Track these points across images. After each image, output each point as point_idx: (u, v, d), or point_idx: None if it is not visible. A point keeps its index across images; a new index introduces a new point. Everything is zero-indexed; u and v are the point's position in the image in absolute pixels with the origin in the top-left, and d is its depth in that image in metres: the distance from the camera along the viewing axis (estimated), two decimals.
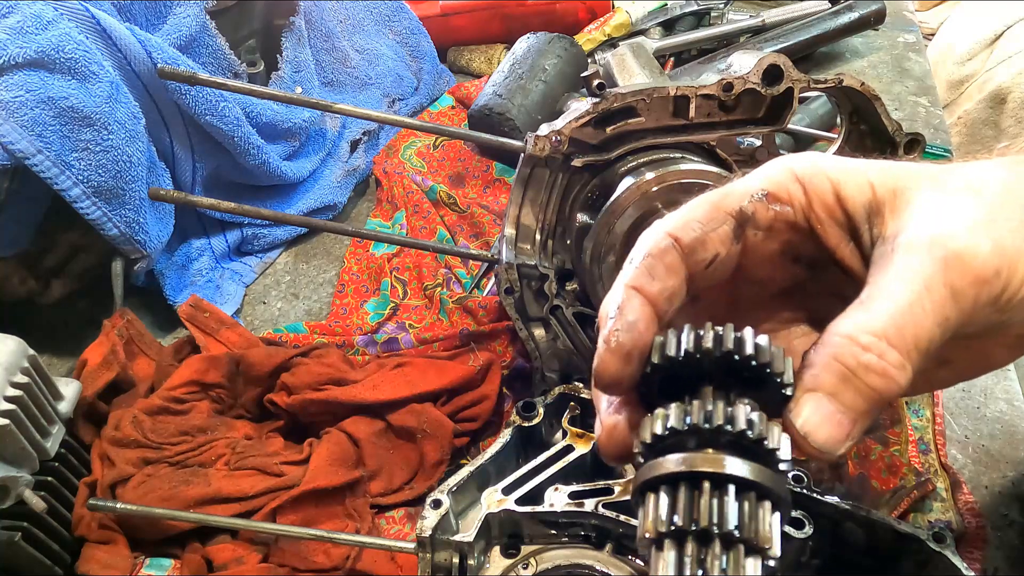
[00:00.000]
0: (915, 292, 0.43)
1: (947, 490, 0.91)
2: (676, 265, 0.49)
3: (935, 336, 0.43)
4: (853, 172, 0.49)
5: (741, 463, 0.41)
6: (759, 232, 0.50)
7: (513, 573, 0.76)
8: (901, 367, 0.43)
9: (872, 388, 0.42)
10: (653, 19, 1.64)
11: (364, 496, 0.92)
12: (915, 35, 1.75)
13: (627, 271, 0.49)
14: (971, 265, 0.44)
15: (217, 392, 1.00)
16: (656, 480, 0.42)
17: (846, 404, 0.43)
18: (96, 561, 0.85)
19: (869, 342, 0.43)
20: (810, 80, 0.90)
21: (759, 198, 0.50)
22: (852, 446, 0.44)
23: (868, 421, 0.43)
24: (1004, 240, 0.45)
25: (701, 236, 0.49)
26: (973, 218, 0.46)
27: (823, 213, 0.49)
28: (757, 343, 0.44)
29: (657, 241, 0.49)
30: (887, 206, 0.48)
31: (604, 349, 0.47)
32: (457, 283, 1.19)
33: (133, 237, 1.04)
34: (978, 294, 0.44)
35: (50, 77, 0.93)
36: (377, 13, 1.53)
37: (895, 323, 0.43)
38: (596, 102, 0.91)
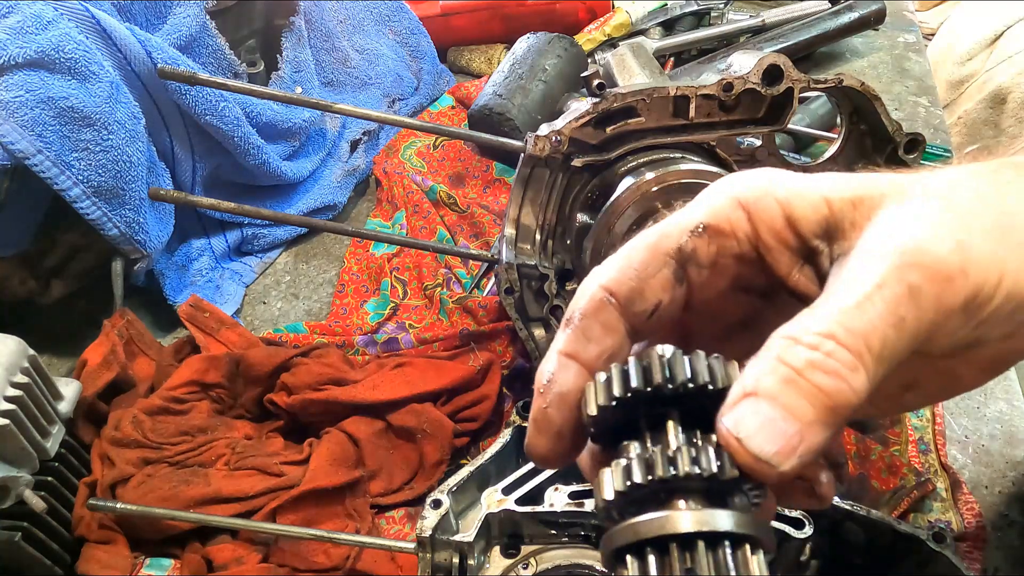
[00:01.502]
0: (866, 291, 0.39)
1: (947, 490, 0.91)
2: (614, 323, 0.44)
3: (890, 337, 0.38)
4: (805, 189, 0.44)
5: (727, 516, 0.37)
6: (703, 270, 0.46)
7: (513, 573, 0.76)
8: (853, 367, 0.37)
9: (820, 389, 0.37)
10: (653, 19, 1.64)
11: (364, 496, 0.92)
12: (915, 35, 1.75)
13: (560, 336, 0.45)
14: (931, 261, 0.39)
15: (217, 392, 1.00)
16: (636, 545, 0.38)
17: (790, 409, 0.37)
18: (96, 561, 0.85)
19: (815, 341, 0.38)
20: (810, 80, 0.90)
21: (699, 233, 0.45)
22: (801, 465, 0.37)
23: (820, 437, 0.37)
24: (973, 242, 0.41)
25: (638, 286, 0.44)
26: (939, 220, 0.41)
27: (771, 240, 0.44)
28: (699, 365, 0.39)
29: (591, 297, 0.44)
30: (847, 221, 0.43)
31: (532, 428, 0.43)
32: (457, 283, 1.19)
33: (133, 237, 1.04)
34: (940, 294, 0.39)
35: (50, 77, 0.93)
36: (377, 13, 1.53)
37: (843, 322, 0.38)
38: (596, 102, 0.91)
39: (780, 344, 0.39)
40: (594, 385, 0.41)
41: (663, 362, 0.39)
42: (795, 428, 0.37)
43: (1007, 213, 0.42)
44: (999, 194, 0.43)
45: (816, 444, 0.37)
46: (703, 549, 0.36)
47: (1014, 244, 0.42)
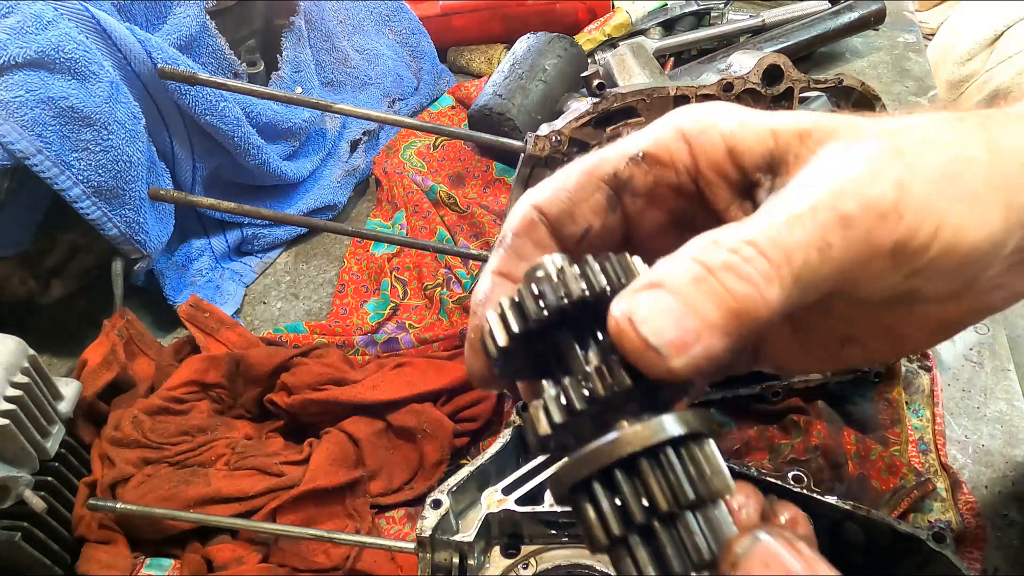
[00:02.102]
0: (797, 212, 0.38)
1: (947, 490, 0.91)
2: (544, 241, 0.44)
3: (812, 260, 0.37)
4: (752, 123, 0.43)
5: (668, 421, 0.35)
6: (638, 200, 0.45)
7: (513, 573, 0.76)
8: (769, 278, 0.36)
9: (730, 292, 0.35)
10: (653, 19, 1.64)
11: (364, 496, 0.92)
12: (915, 35, 1.75)
13: (493, 256, 0.44)
14: (865, 193, 0.38)
15: (217, 392, 1.00)
16: (585, 480, 0.36)
17: (693, 306, 0.35)
18: (96, 561, 0.85)
19: (735, 245, 0.36)
20: (810, 80, 0.90)
21: (637, 161, 0.44)
22: (692, 367, 0.35)
23: (718, 343, 0.35)
24: (914, 186, 0.39)
25: (569, 208, 0.44)
26: (882, 160, 0.40)
27: (711, 173, 0.43)
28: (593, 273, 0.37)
29: (523, 217, 0.44)
30: (791, 154, 0.42)
31: (468, 348, 0.43)
32: (457, 283, 1.19)
33: (133, 237, 1.04)
34: (871, 229, 0.38)
35: (50, 77, 0.93)
36: (377, 13, 1.53)
37: (768, 234, 0.37)
38: (596, 102, 0.91)
39: (698, 244, 0.37)
40: (489, 326, 0.39)
41: (553, 282, 0.37)
42: (694, 325, 0.35)
43: (958, 161, 0.41)
44: (956, 142, 0.42)
45: (712, 350, 0.35)
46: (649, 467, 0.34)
47: (959, 195, 0.40)
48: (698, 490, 0.34)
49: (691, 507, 0.35)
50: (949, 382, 1.03)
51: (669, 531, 0.35)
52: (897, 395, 0.99)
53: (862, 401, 0.99)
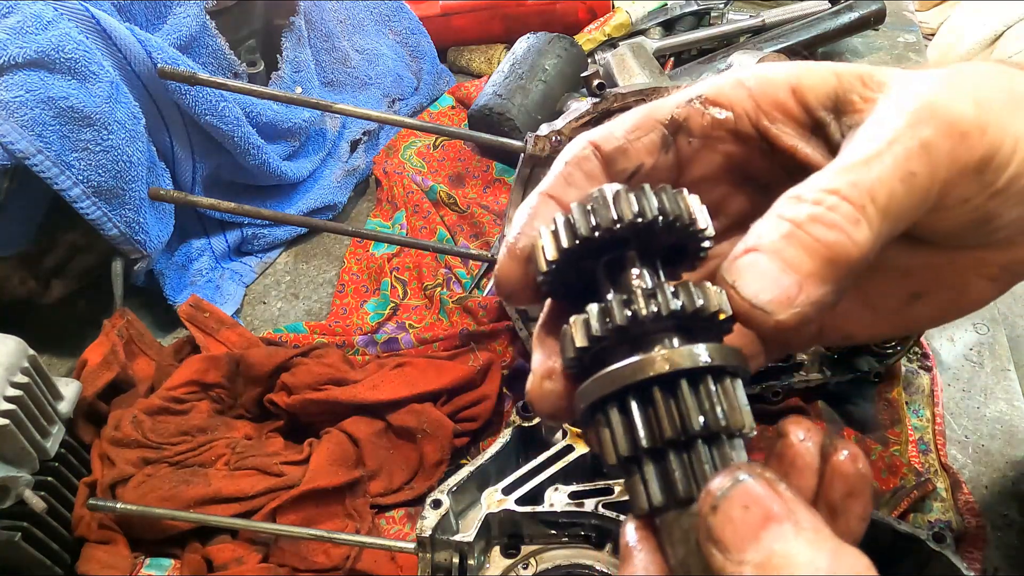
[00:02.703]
0: (877, 147, 0.38)
1: (947, 490, 0.91)
2: (596, 173, 0.45)
3: (897, 192, 0.37)
4: (814, 66, 0.44)
5: (710, 349, 0.36)
6: (693, 141, 0.45)
7: (513, 573, 0.76)
8: (855, 220, 0.37)
9: (820, 241, 0.36)
10: (653, 19, 1.64)
11: (364, 496, 0.92)
12: (915, 35, 1.75)
13: (544, 180, 0.45)
14: (946, 116, 0.38)
15: (217, 392, 1.00)
16: (600, 401, 0.37)
17: (789, 261, 0.36)
18: (96, 561, 0.85)
19: (818, 197, 0.37)
20: None
21: (693, 104, 0.45)
22: (800, 317, 0.36)
23: (819, 291, 0.36)
24: (992, 103, 0.40)
25: (623, 144, 0.45)
26: (956, 82, 0.40)
27: (775, 111, 0.44)
28: (647, 201, 0.38)
29: (577, 149, 0.45)
30: (856, 93, 0.42)
31: (505, 254, 0.42)
32: (457, 283, 1.19)
33: (133, 237, 1.04)
34: (955, 150, 0.38)
35: (50, 77, 0.93)
36: (377, 13, 1.53)
37: (847, 177, 0.37)
38: (596, 102, 0.91)
39: (784, 202, 0.38)
40: (540, 240, 0.40)
41: (608, 202, 0.38)
42: (793, 279, 0.36)
43: (1016, 92, 0.42)
44: (1007, 77, 0.43)
45: (815, 297, 0.36)
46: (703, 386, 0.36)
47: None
48: (709, 421, 0.35)
49: (703, 438, 0.35)
50: (949, 382, 1.03)
51: (680, 458, 0.35)
52: (897, 395, 0.99)
53: (862, 401, 0.99)
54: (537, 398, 0.41)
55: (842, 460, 0.40)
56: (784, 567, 0.30)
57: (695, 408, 0.35)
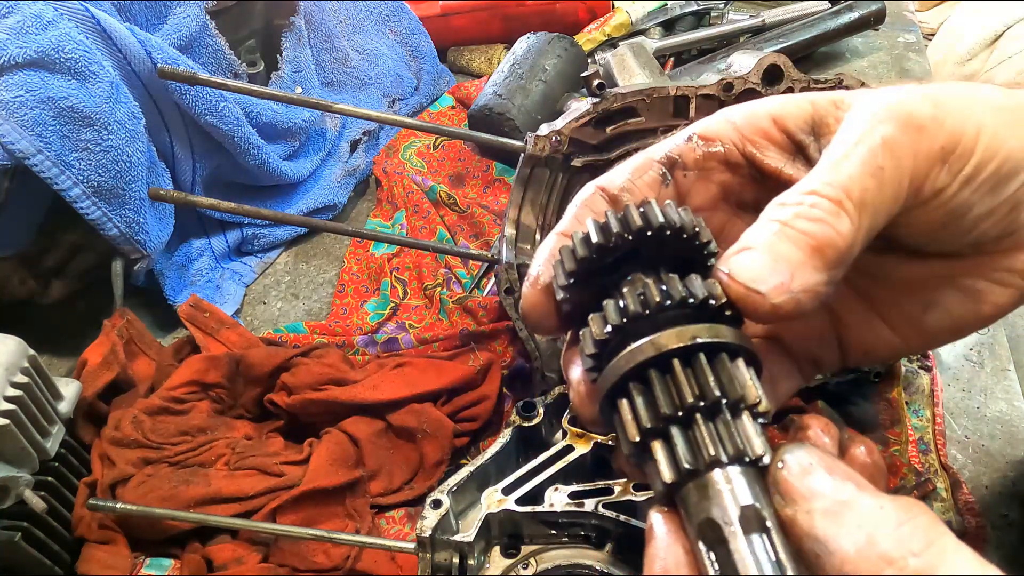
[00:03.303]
0: (844, 149, 0.43)
1: (947, 490, 0.91)
2: (603, 211, 0.49)
3: (870, 186, 0.42)
4: (792, 98, 0.49)
5: (701, 328, 0.39)
6: (688, 173, 0.51)
7: (513, 573, 0.76)
8: (835, 213, 0.41)
9: (805, 233, 0.41)
10: (653, 19, 1.64)
11: (364, 496, 0.92)
12: (915, 35, 1.75)
13: (560, 222, 0.50)
14: (903, 112, 0.43)
15: (217, 392, 1.00)
16: (620, 382, 0.40)
17: (779, 254, 0.40)
18: (96, 561, 0.85)
19: (798, 199, 0.42)
20: (810, 80, 0.90)
21: (686, 142, 0.50)
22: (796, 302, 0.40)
23: (811, 277, 0.40)
24: (946, 99, 0.44)
25: (628, 185, 0.50)
26: (913, 88, 0.45)
27: (760, 139, 0.49)
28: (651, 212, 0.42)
29: (586, 193, 0.50)
30: (831, 116, 0.47)
31: (529, 287, 0.47)
32: (457, 283, 1.19)
33: (133, 237, 1.04)
34: (915, 142, 0.43)
35: (50, 77, 0.93)
36: (377, 13, 1.53)
37: (823, 178, 0.42)
38: (596, 102, 0.91)
39: (770, 208, 0.43)
40: (560, 258, 0.44)
41: (618, 217, 0.42)
42: (786, 267, 0.40)
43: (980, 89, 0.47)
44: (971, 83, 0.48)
45: (809, 282, 0.40)
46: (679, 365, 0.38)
47: (991, 107, 0.45)
48: (727, 395, 0.38)
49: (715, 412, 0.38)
50: (949, 382, 1.03)
51: (685, 433, 0.38)
52: (897, 395, 0.99)
53: (862, 401, 0.99)
54: (578, 403, 0.46)
55: (859, 452, 0.44)
56: (849, 513, 0.33)
57: (687, 383, 0.38)
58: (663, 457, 0.38)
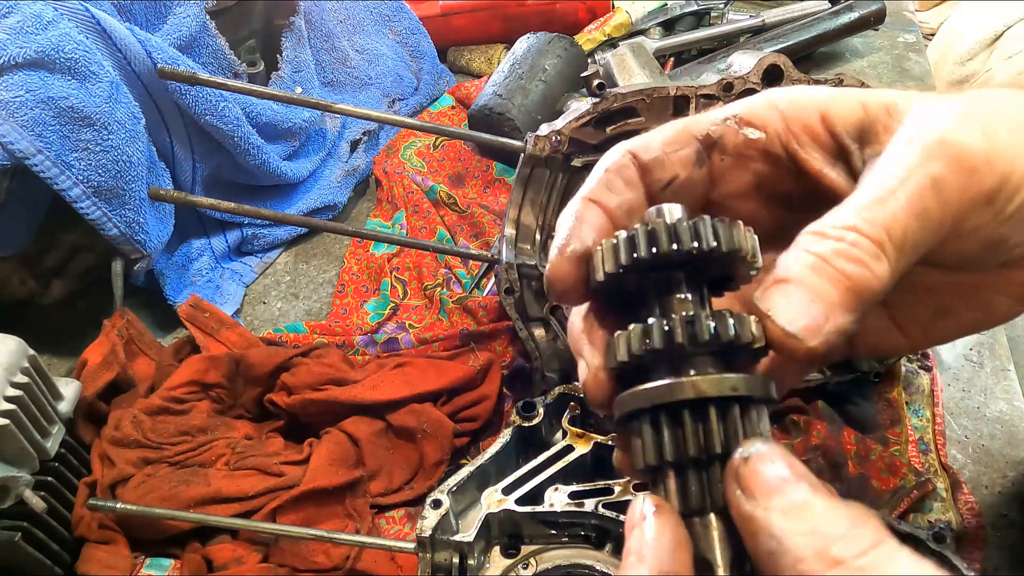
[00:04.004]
0: (891, 185, 0.41)
1: (947, 490, 0.91)
2: (634, 180, 0.47)
3: (912, 228, 0.40)
4: (843, 95, 0.47)
5: (740, 380, 0.39)
6: (726, 158, 0.48)
7: (513, 573, 0.76)
8: (875, 255, 0.40)
9: (844, 274, 0.40)
10: (653, 19, 1.64)
11: (364, 496, 0.92)
12: (915, 35, 1.75)
13: (585, 185, 0.48)
14: (955, 150, 0.41)
15: (217, 392, 1.00)
16: (646, 410, 0.40)
17: (816, 291, 0.40)
18: (96, 561, 0.85)
19: (839, 233, 0.41)
20: (810, 80, 0.90)
21: (728, 123, 0.48)
22: (827, 344, 0.40)
23: (844, 318, 0.40)
24: (999, 134, 0.42)
25: (660, 156, 0.48)
26: (965, 114, 0.43)
27: (804, 135, 0.47)
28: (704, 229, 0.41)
29: (616, 157, 0.48)
30: (880, 124, 0.45)
31: (556, 256, 0.45)
32: (457, 283, 1.19)
33: (133, 237, 1.04)
34: (965, 185, 0.41)
35: (50, 77, 0.93)
36: (377, 13, 1.53)
37: (865, 215, 0.41)
38: (596, 102, 0.91)
39: (808, 238, 0.42)
40: (601, 251, 0.43)
41: (669, 228, 0.41)
42: (821, 308, 0.40)
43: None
44: (1021, 104, 0.45)
45: (841, 325, 0.40)
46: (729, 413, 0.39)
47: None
48: (730, 447, 0.38)
49: (723, 459, 0.38)
50: (949, 382, 1.03)
51: (699, 474, 0.39)
52: (897, 395, 0.99)
53: (862, 401, 0.99)
54: (592, 388, 0.45)
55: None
56: (805, 514, 0.34)
57: (718, 432, 0.38)
58: (674, 490, 0.39)
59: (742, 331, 0.40)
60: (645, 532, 0.38)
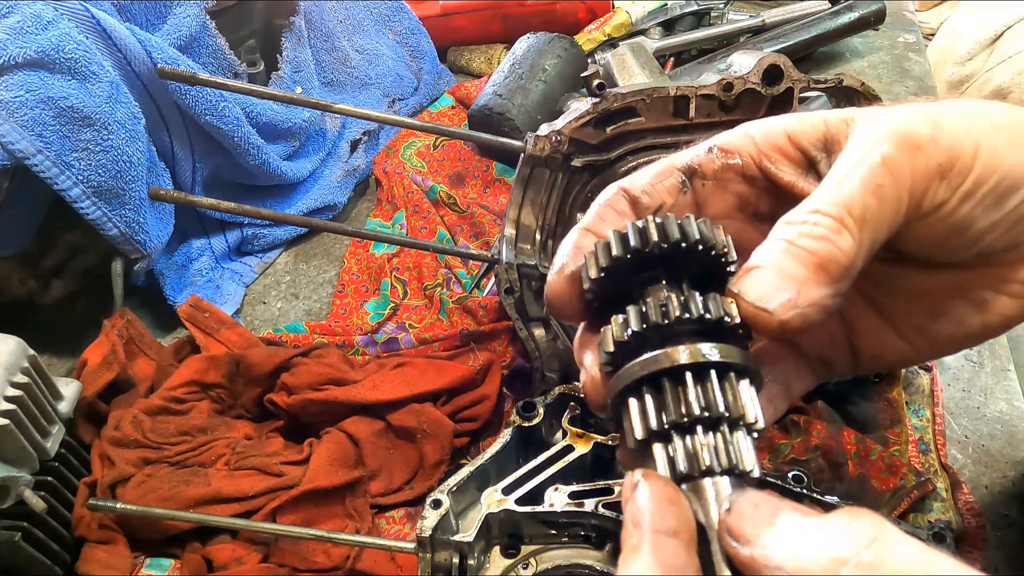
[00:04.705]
0: (845, 170, 0.45)
1: (947, 490, 0.91)
2: (625, 210, 0.52)
3: (870, 204, 0.44)
4: (807, 116, 0.51)
5: (713, 347, 0.41)
6: (707, 183, 0.53)
7: (513, 573, 0.76)
8: (836, 230, 0.43)
9: (808, 251, 0.43)
10: (653, 19, 1.64)
11: (364, 496, 0.92)
12: (915, 35, 1.75)
13: (583, 219, 0.52)
14: (900, 132, 0.45)
15: (217, 392, 1.00)
16: (634, 383, 0.42)
17: (785, 271, 0.43)
18: (96, 561, 0.85)
19: (803, 217, 0.44)
20: (810, 80, 0.90)
21: (706, 153, 0.53)
22: (803, 317, 0.42)
23: (816, 292, 0.43)
24: (943, 118, 0.46)
25: (647, 188, 0.52)
26: (913, 108, 0.47)
27: (775, 153, 0.51)
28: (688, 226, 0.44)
29: (609, 194, 0.53)
30: (841, 133, 0.49)
31: (555, 276, 0.50)
32: (457, 283, 1.19)
33: (133, 237, 1.04)
34: (913, 160, 0.45)
35: (50, 77, 0.93)
36: (377, 13, 1.53)
37: (825, 199, 0.44)
38: (596, 102, 0.91)
39: (777, 227, 0.45)
40: (593, 252, 0.47)
41: (638, 228, 0.45)
42: (791, 284, 0.43)
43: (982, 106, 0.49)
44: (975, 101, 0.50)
45: (815, 298, 0.43)
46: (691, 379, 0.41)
47: (990, 125, 0.47)
48: (710, 409, 0.40)
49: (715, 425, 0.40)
50: (949, 382, 1.03)
51: (683, 440, 0.41)
52: (897, 395, 0.99)
53: (862, 401, 0.99)
54: (591, 389, 0.48)
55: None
56: (797, 534, 0.35)
57: (697, 397, 0.40)
58: (662, 459, 0.41)
59: (714, 308, 0.42)
60: (637, 499, 0.39)
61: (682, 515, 0.39)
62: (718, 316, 0.42)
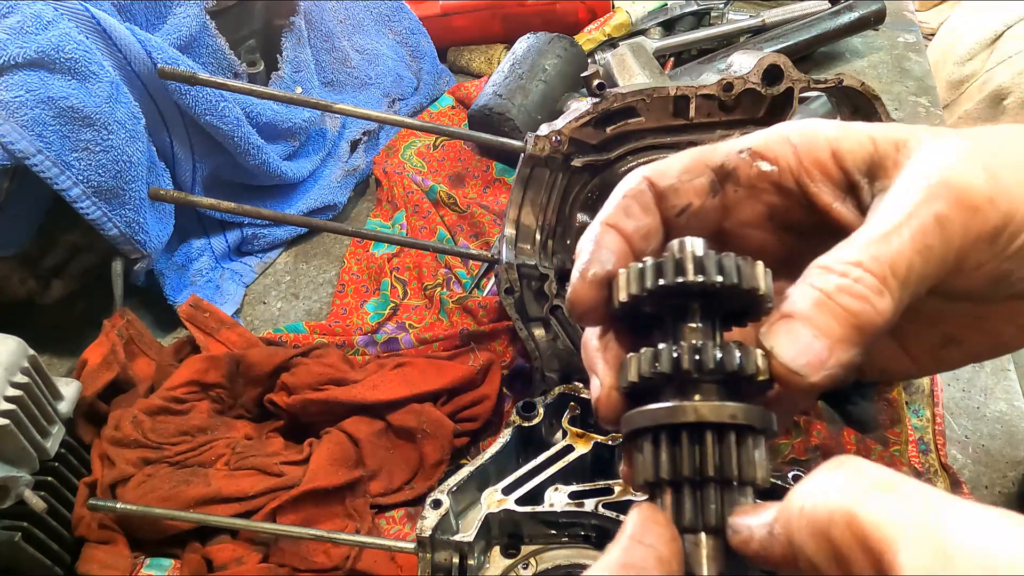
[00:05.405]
0: (896, 222, 0.42)
1: (947, 490, 0.91)
2: (650, 206, 0.49)
3: (916, 264, 0.41)
4: (853, 130, 0.48)
5: (739, 408, 0.41)
6: (739, 189, 0.50)
7: (513, 573, 0.76)
8: (878, 291, 0.41)
9: (846, 310, 0.41)
10: (653, 19, 1.64)
11: (364, 496, 0.92)
12: (915, 35, 1.75)
13: (603, 210, 0.49)
14: (959, 189, 0.42)
15: (217, 392, 1.00)
16: (655, 428, 0.42)
17: (820, 328, 0.41)
18: (96, 561, 0.85)
19: (845, 269, 0.42)
20: (810, 80, 0.90)
21: (743, 155, 0.49)
22: (830, 378, 0.41)
23: (847, 354, 0.41)
24: (1002, 173, 0.43)
25: (676, 184, 0.49)
26: (969, 153, 0.44)
27: (815, 170, 0.48)
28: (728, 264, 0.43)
29: (633, 183, 0.49)
30: (890, 160, 0.46)
31: (578, 279, 0.47)
32: (457, 283, 1.19)
33: (133, 237, 1.04)
34: (967, 223, 0.42)
35: (50, 77, 0.93)
36: (377, 13, 1.53)
37: (870, 251, 0.42)
38: (596, 102, 0.91)
39: (814, 272, 0.43)
40: (627, 273, 0.45)
41: (695, 258, 0.43)
42: (824, 344, 0.41)
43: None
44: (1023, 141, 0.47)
45: (843, 360, 0.41)
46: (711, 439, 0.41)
47: None
48: (725, 470, 0.40)
49: (716, 481, 0.40)
50: (949, 382, 1.03)
51: (693, 493, 0.41)
52: (897, 395, 0.99)
53: (862, 401, 0.99)
54: (604, 405, 0.47)
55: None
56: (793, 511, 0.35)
57: (713, 457, 0.40)
58: (670, 507, 0.41)
59: (747, 363, 0.41)
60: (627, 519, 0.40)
61: (665, 535, 0.39)
62: (751, 373, 0.41)
